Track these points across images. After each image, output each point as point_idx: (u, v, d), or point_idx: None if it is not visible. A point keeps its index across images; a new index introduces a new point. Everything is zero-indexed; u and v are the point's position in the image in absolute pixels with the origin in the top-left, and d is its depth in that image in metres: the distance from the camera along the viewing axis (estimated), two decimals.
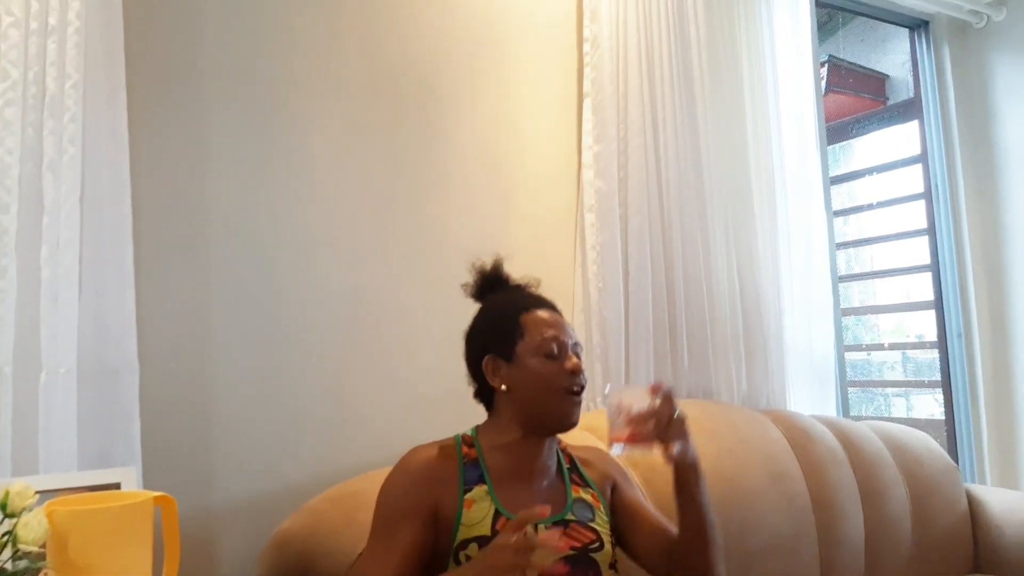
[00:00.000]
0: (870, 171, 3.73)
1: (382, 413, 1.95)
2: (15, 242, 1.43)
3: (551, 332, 1.36)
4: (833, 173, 3.44)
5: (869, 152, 4.28)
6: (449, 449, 1.38)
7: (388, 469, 1.74)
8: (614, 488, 1.49)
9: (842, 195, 4.08)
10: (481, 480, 1.34)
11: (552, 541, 1.10)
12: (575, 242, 2.31)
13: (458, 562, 1.29)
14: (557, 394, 1.34)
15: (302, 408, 1.85)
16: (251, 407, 1.79)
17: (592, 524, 1.37)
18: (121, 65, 1.60)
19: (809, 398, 2.63)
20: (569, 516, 1.36)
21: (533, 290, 1.50)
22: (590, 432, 1.94)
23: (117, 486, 1.30)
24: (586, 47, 2.33)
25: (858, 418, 2.82)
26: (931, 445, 2.41)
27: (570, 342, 1.38)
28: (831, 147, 3.50)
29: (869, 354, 4.19)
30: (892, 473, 2.23)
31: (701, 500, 1.35)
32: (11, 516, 1.02)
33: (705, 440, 1.95)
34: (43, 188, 1.47)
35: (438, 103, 2.14)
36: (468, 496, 1.32)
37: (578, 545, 1.33)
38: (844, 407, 2.87)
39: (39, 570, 1.10)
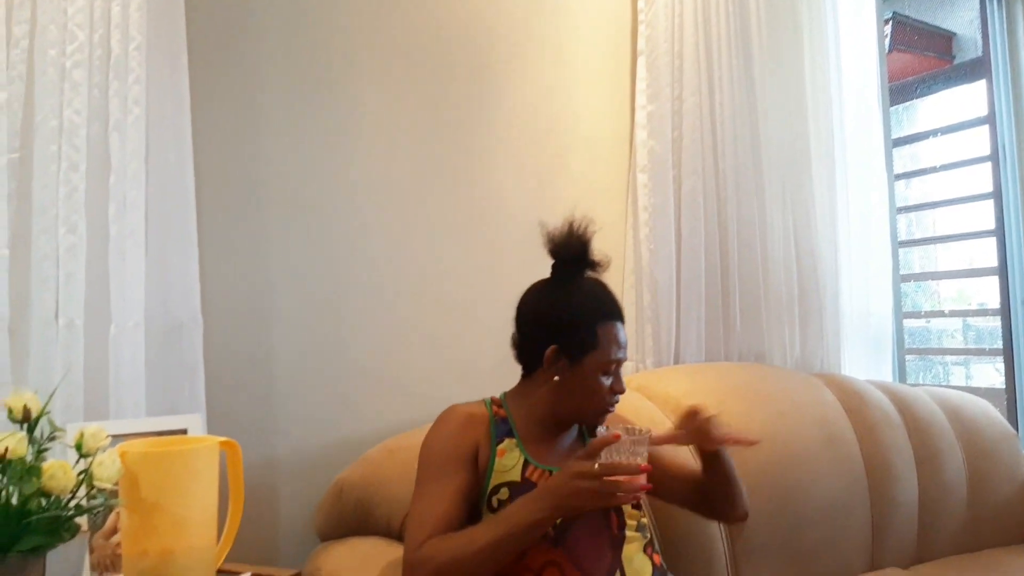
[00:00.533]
0: (934, 132, 3.61)
1: (434, 372, 1.99)
2: (84, 200, 1.49)
3: (617, 354, 1.40)
4: (896, 135, 3.33)
5: (934, 113, 4.13)
6: (480, 407, 1.46)
7: None
8: None
9: (904, 158, 3.95)
10: (510, 434, 1.41)
11: (631, 469, 1.14)
12: (627, 204, 2.30)
13: (490, 506, 1.35)
14: (597, 408, 1.40)
15: (357, 365, 1.90)
16: (309, 362, 1.84)
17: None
18: (182, 28, 1.64)
19: (864, 364, 2.59)
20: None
21: (602, 271, 1.50)
22: (640, 392, 1.96)
23: (184, 432, 1.35)
24: (640, 3, 2.30)
25: (915, 386, 2.76)
26: (990, 412, 2.36)
27: (624, 358, 1.44)
28: (894, 108, 3.38)
29: (928, 321, 4.09)
30: (949, 438, 2.19)
31: (727, 462, 1.45)
32: (85, 456, 1.07)
33: (757, 403, 1.97)
34: (110, 148, 1.52)
35: (489, 65, 2.14)
36: (500, 447, 1.39)
37: None
38: (901, 374, 2.82)
39: (113, 507, 1.16)
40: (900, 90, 3.85)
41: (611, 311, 1.44)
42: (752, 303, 2.34)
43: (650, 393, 1.97)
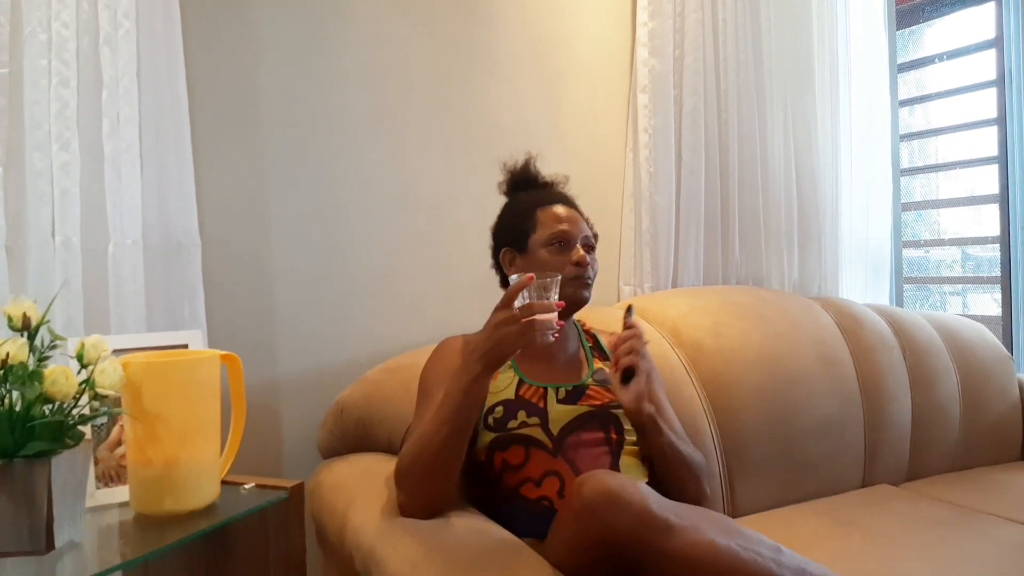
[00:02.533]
0: (940, 57, 3.54)
1: (431, 294, 2.00)
2: (76, 116, 1.46)
3: (561, 226, 1.45)
4: (900, 60, 3.27)
5: (940, 38, 4.04)
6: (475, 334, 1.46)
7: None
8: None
9: (909, 84, 3.88)
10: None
11: (548, 306, 1.15)
12: (627, 125, 2.27)
13: (487, 424, 1.38)
14: (564, 283, 1.37)
15: (357, 285, 1.90)
16: (309, 284, 1.84)
17: (611, 388, 1.44)
18: None
19: (862, 290, 2.60)
20: (588, 382, 1.45)
21: (560, 187, 1.58)
22: (638, 315, 1.97)
23: (185, 347, 1.36)
24: None
25: None
26: (985, 335, 2.38)
27: (580, 235, 1.46)
28: (899, 32, 3.31)
29: (927, 251, 4.08)
30: (944, 360, 2.21)
31: (664, 444, 1.40)
32: (87, 366, 1.08)
33: (755, 324, 1.98)
34: (101, 62, 1.49)
35: None
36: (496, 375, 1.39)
37: (598, 404, 1.41)
38: (898, 301, 2.83)
39: (116, 416, 1.17)
40: (908, 13, 3.76)
41: (550, 198, 1.51)
42: (751, 227, 2.34)
43: (648, 316, 1.98)
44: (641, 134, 2.20)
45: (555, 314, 1.16)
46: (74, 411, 1.05)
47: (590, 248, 1.48)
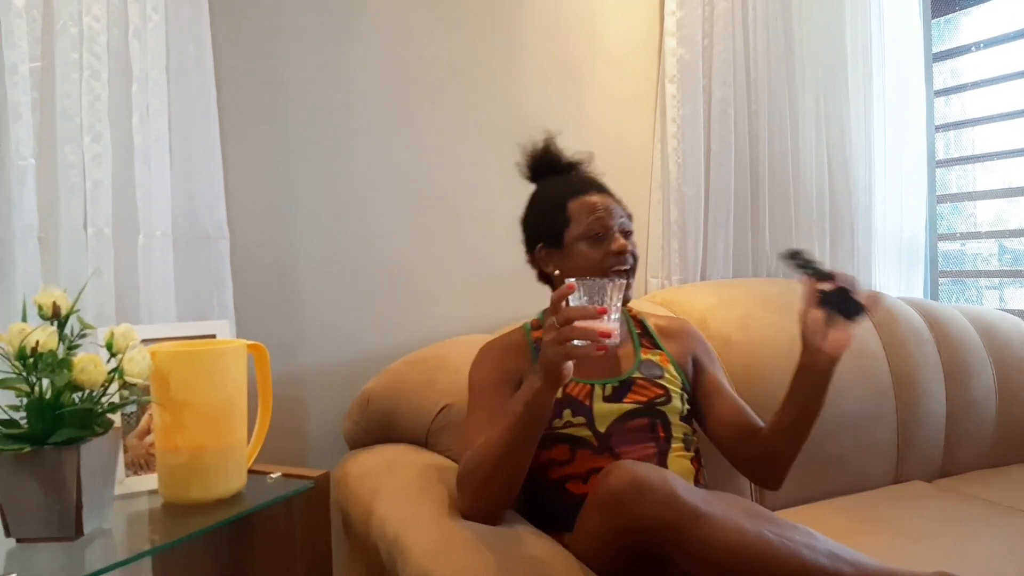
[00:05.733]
0: (976, 45, 3.46)
1: (455, 287, 2.00)
2: (108, 108, 1.48)
3: (596, 216, 1.39)
4: (936, 49, 3.20)
5: (977, 27, 3.95)
6: (518, 334, 1.48)
7: (462, 338, 1.81)
8: (696, 363, 1.52)
9: (944, 73, 3.79)
10: None
11: (586, 312, 1.04)
12: (655, 115, 2.25)
13: None
14: (605, 275, 1.33)
15: (382, 278, 1.91)
16: (333, 276, 1.86)
17: (660, 381, 1.41)
18: None
19: (896, 283, 2.55)
20: (636, 375, 1.41)
21: (585, 168, 1.53)
22: (665, 307, 1.96)
23: (213, 337, 1.37)
24: None
25: None
26: (1023, 329, 2.32)
27: (616, 222, 1.40)
28: (935, 20, 3.24)
29: (964, 244, 3.99)
30: (979, 355, 2.16)
31: (820, 407, 1.31)
32: (116, 355, 1.09)
33: (784, 316, 1.94)
34: (131, 55, 1.51)
35: None
36: None
37: (643, 400, 1.38)
38: (933, 295, 2.77)
39: (144, 404, 1.19)
40: (944, 1, 3.68)
41: (579, 186, 1.45)
42: (782, 219, 2.31)
43: (675, 308, 1.96)
44: (669, 124, 2.18)
45: (602, 322, 1.06)
46: (103, 399, 1.06)
47: (627, 233, 1.42)
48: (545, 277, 1.51)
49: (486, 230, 2.02)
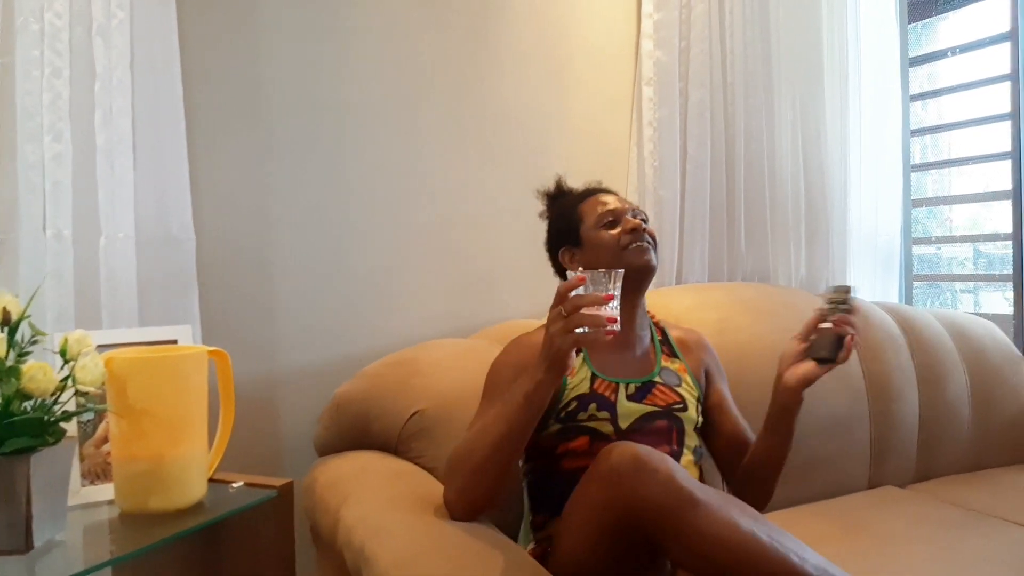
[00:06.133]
0: (952, 50, 3.48)
1: (436, 287, 1.97)
2: (69, 107, 1.45)
3: (605, 206, 1.45)
4: (913, 53, 3.22)
5: (954, 31, 3.97)
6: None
7: (444, 340, 1.78)
8: (707, 376, 1.54)
9: (921, 78, 3.81)
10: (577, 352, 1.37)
11: (593, 299, 1.06)
12: (631, 118, 2.23)
13: (558, 417, 1.37)
14: (623, 252, 1.39)
15: (358, 279, 1.88)
16: (310, 277, 1.82)
17: (678, 388, 1.43)
18: None
19: (871, 286, 2.56)
20: (656, 379, 1.42)
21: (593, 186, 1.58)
22: (662, 310, 1.94)
23: (174, 342, 1.34)
24: None
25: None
26: (996, 334, 2.33)
27: (629, 209, 1.46)
28: (912, 25, 3.26)
29: (939, 248, 4.02)
30: (953, 359, 2.17)
31: (793, 429, 1.40)
32: (70, 361, 1.06)
33: (761, 319, 1.94)
34: (94, 53, 1.47)
35: None
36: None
37: (662, 404, 1.39)
38: (907, 299, 2.78)
39: (98, 412, 1.15)
40: (921, 5, 3.70)
41: (590, 191, 1.53)
42: (758, 222, 2.30)
43: (666, 312, 1.94)
44: (646, 127, 2.17)
45: (608, 308, 1.08)
46: (55, 408, 1.03)
47: (643, 220, 1.45)
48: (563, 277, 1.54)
49: (467, 231, 2.00)
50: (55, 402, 1.02)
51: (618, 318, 1.08)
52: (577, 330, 1.05)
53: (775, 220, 2.32)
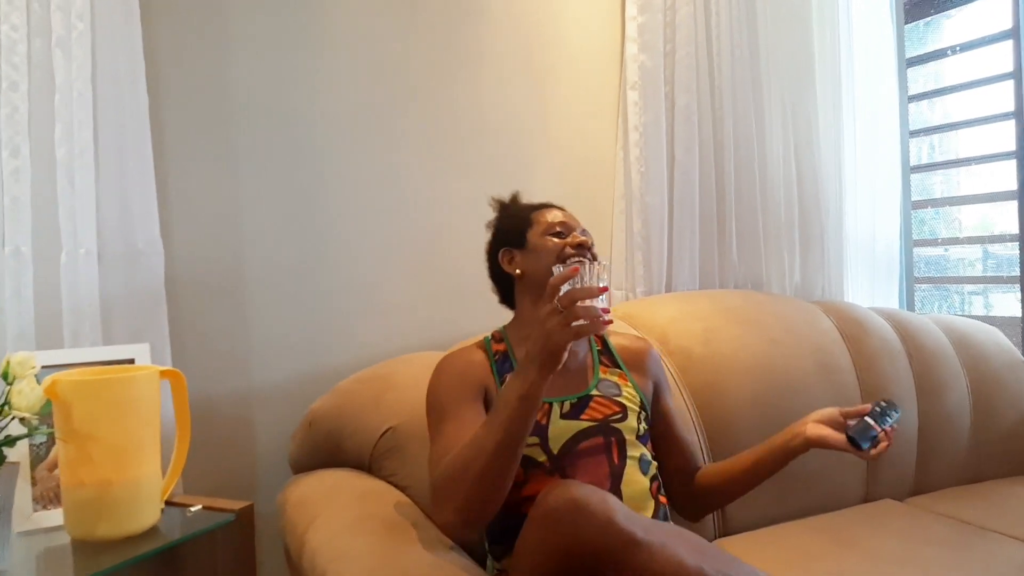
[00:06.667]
0: (952, 49, 3.40)
1: (413, 300, 1.93)
2: (28, 121, 1.42)
3: (557, 218, 1.43)
4: (917, 52, 3.15)
5: (959, 29, 3.89)
6: (478, 348, 1.42)
7: (420, 354, 1.74)
8: (656, 388, 1.50)
9: (927, 77, 3.74)
10: (512, 369, 1.35)
11: (590, 291, 1.05)
12: (617, 123, 2.19)
13: None
14: (562, 263, 1.33)
15: (333, 293, 1.84)
16: (283, 291, 1.79)
17: (617, 398, 1.37)
18: None
19: (870, 292, 2.50)
20: (593, 392, 1.37)
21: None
22: (626, 321, 1.89)
23: (131, 361, 1.30)
24: None
25: (923, 315, 2.66)
26: (1000, 339, 2.26)
27: (579, 227, 1.44)
28: (915, 23, 3.19)
29: (947, 250, 3.93)
30: (953, 366, 2.10)
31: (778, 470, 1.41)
32: (13, 384, 1.02)
33: (749, 329, 1.89)
34: (54, 66, 1.44)
35: None
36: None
37: (599, 418, 1.33)
38: (909, 303, 2.72)
39: (32, 438, 1.11)
40: (924, 3, 3.63)
41: (544, 205, 1.49)
42: (749, 228, 2.25)
43: (636, 322, 1.89)
44: (632, 132, 2.12)
45: (601, 299, 1.07)
46: None
47: (591, 244, 1.42)
48: (505, 291, 1.50)
49: (444, 242, 1.96)
50: None
51: (610, 308, 1.09)
52: (574, 323, 1.04)
53: (767, 226, 2.27)
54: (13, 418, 1.01)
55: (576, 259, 1.34)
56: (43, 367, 1.23)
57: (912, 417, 2.00)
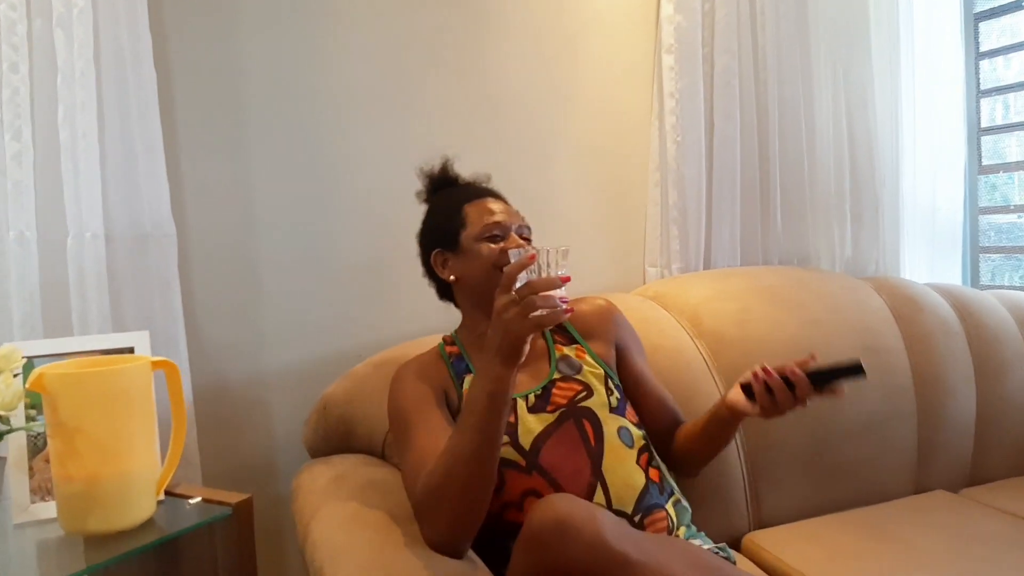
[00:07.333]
0: (1019, 3, 3.14)
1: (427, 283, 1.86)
2: (29, 103, 1.39)
3: (493, 218, 1.34)
4: (990, 5, 2.92)
5: None
6: (433, 353, 1.39)
7: (435, 337, 1.68)
8: (620, 349, 1.43)
9: (1003, 30, 3.47)
10: (468, 370, 1.33)
11: (550, 282, 1.00)
12: (652, 89, 2.06)
13: None
14: (498, 271, 1.26)
15: (347, 275, 1.79)
16: (296, 273, 1.75)
17: (578, 377, 1.32)
18: None
19: (929, 265, 2.34)
20: (555, 375, 1.32)
21: (483, 183, 1.48)
22: (655, 301, 1.80)
23: (131, 350, 1.27)
24: None
25: (990, 287, 2.48)
26: None
27: (515, 225, 1.35)
28: None
29: (1021, 216, 3.69)
30: (1017, 346, 1.95)
31: (734, 434, 1.37)
32: None
33: (787, 310, 1.78)
34: (55, 45, 1.41)
35: None
36: (465, 386, 1.31)
37: (563, 402, 1.28)
38: (973, 275, 2.53)
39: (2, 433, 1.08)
40: None
41: (476, 193, 1.41)
42: (796, 199, 2.11)
43: (666, 302, 1.80)
44: (667, 99, 2.00)
45: (562, 289, 1.02)
46: None
47: (526, 240, 1.35)
48: (444, 291, 1.45)
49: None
50: None
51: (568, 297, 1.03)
52: (532, 314, 0.99)
53: (816, 196, 2.12)
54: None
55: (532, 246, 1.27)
56: (39, 356, 1.22)
57: (969, 401, 1.86)
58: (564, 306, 1.00)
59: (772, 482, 1.65)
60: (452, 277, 1.36)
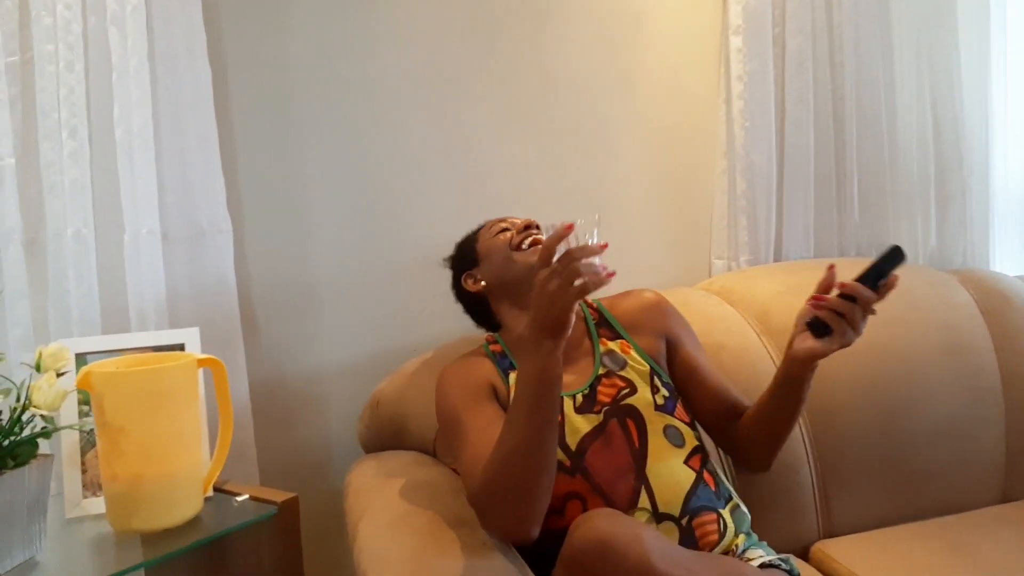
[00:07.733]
0: None
1: None
2: (85, 101, 1.40)
3: (500, 222, 1.43)
4: None
5: None
6: (477, 352, 1.39)
7: (481, 335, 1.65)
8: (669, 341, 1.37)
9: None
10: (512, 367, 1.33)
11: (590, 250, 0.97)
12: (719, 72, 1.97)
13: None
14: (515, 251, 1.34)
15: (402, 267, 1.77)
16: (352, 267, 1.73)
17: (622, 373, 1.28)
18: None
19: (1022, 257, 2.17)
20: (600, 372, 1.30)
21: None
22: (720, 296, 1.72)
23: (181, 347, 1.28)
24: None
25: None
26: None
27: (525, 222, 1.40)
28: None
29: None
30: None
31: (805, 398, 1.22)
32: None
33: None
34: (110, 43, 1.41)
35: None
36: (511, 380, 1.30)
37: (607, 400, 1.25)
38: None
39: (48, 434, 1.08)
40: None
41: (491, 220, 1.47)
42: (875, 187, 1.98)
43: (732, 297, 1.72)
44: (735, 82, 1.90)
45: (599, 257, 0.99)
46: (16, 429, 0.98)
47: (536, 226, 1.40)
48: (482, 317, 1.49)
49: (522, 207, 1.81)
50: (17, 424, 0.97)
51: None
52: (577, 281, 0.95)
53: (897, 184, 1.99)
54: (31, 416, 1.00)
55: (529, 239, 1.34)
56: (92, 352, 1.23)
57: None
58: (606, 271, 0.96)
59: (844, 487, 1.56)
60: (482, 283, 1.41)
